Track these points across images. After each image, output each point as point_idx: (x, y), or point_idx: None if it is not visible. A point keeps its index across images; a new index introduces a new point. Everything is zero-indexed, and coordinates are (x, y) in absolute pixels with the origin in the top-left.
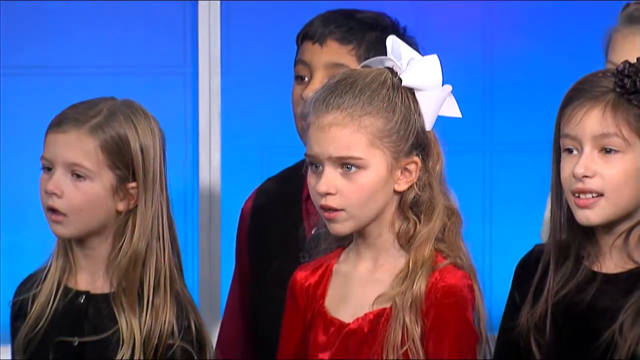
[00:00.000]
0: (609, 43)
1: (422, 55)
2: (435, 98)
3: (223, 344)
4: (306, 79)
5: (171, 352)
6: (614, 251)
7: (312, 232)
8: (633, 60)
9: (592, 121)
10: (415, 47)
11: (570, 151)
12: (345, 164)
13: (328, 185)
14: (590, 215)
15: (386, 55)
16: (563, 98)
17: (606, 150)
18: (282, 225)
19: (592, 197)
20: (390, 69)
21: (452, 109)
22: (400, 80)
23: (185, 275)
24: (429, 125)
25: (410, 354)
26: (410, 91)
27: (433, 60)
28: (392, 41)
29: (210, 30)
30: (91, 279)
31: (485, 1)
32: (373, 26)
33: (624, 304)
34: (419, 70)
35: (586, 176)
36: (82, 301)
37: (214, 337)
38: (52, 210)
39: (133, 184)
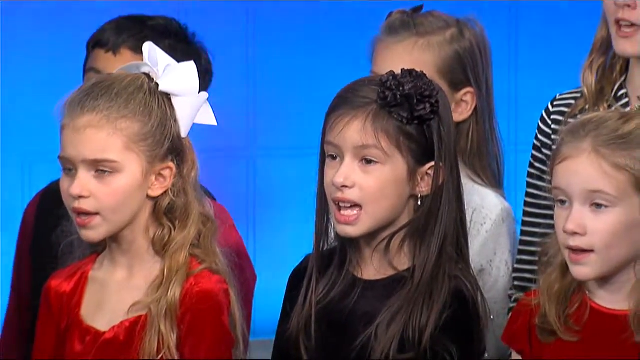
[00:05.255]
0: (372, 52)
1: (210, 60)
2: (191, 104)
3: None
4: None
5: None
6: (375, 257)
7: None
8: (396, 71)
9: (352, 132)
10: (203, 51)
11: (333, 157)
12: (100, 167)
13: (82, 188)
14: (348, 230)
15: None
16: (329, 105)
17: (366, 161)
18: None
19: (352, 212)
20: (147, 75)
21: (208, 117)
22: (157, 85)
23: None
24: (184, 132)
25: None
26: (167, 97)
27: (189, 67)
28: (148, 47)
29: None
30: None
31: (246, 1)
32: (166, 34)
33: (382, 309)
34: (175, 76)
35: (345, 186)
36: None
37: None
38: None
39: None
